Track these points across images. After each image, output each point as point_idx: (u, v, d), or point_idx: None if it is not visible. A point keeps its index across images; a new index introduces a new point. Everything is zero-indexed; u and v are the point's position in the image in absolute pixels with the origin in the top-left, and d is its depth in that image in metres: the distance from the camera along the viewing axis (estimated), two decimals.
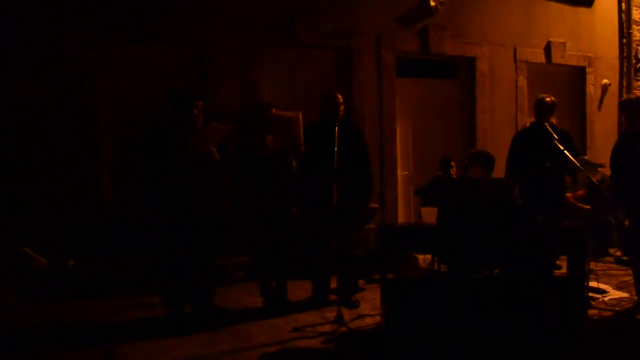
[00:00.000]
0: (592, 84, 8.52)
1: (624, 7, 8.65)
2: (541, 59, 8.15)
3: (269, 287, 4.89)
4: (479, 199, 4.20)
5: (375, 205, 6.10)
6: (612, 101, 8.66)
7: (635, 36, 8.71)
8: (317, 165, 4.67)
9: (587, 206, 7.02)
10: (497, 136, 7.63)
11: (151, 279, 5.14)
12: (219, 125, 4.55)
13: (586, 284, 4.65)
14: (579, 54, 8.40)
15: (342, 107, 4.86)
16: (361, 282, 5.56)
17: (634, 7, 8.68)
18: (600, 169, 5.82)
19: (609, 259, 7.03)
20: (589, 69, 8.49)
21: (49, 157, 5.73)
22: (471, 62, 7.73)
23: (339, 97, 4.87)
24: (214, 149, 4.49)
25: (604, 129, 8.54)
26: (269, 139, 4.74)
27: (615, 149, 5.04)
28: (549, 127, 5.22)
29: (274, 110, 4.93)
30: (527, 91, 7.99)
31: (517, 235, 4.12)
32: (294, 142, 4.66)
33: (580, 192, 7.24)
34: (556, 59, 8.19)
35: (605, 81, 8.56)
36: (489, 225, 4.06)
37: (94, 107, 5.93)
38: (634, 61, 8.71)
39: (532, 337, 3.88)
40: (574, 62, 8.39)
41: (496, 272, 4.28)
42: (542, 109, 5.49)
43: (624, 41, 8.70)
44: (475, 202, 4.17)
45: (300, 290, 5.23)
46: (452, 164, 6.43)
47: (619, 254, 7.05)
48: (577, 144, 6.57)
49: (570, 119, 8.29)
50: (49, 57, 5.72)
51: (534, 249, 4.20)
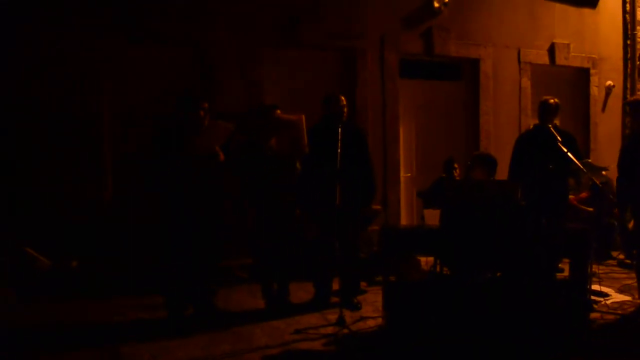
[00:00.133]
0: (596, 86, 8.49)
1: (628, 8, 8.61)
2: (545, 60, 8.13)
3: (271, 288, 4.89)
4: (482, 201, 4.19)
5: (378, 207, 6.09)
6: (616, 103, 8.62)
7: (639, 37, 8.67)
8: (320, 166, 4.67)
9: (590, 209, 7.00)
10: (500, 138, 7.61)
11: (153, 279, 5.14)
12: (224, 122, 4.56)
13: (588, 287, 4.64)
14: (583, 55, 8.37)
15: (345, 109, 4.86)
16: (363, 284, 5.55)
17: (639, 8, 8.64)
18: (603, 172, 5.81)
19: (611, 262, 7.01)
20: (593, 71, 8.46)
21: (49, 157, 5.71)
22: (475, 63, 7.71)
23: (343, 99, 4.87)
24: (218, 148, 4.50)
25: (607, 131, 8.51)
26: (273, 142, 4.74)
27: (621, 150, 5.03)
28: (552, 129, 5.21)
29: (278, 112, 4.93)
30: (530, 93, 7.96)
31: (520, 237, 4.12)
32: (297, 145, 4.67)
33: (583, 194, 7.23)
34: (560, 60, 8.16)
35: (609, 83, 8.52)
36: (491, 227, 4.06)
37: (94, 107, 5.92)
38: (639, 63, 8.67)
39: (534, 340, 3.88)
40: (577, 64, 8.36)
41: (499, 274, 4.28)
42: (545, 111, 5.47)
43: (629, 42, 8.65)
44: (478, 204, 4.17)
45: (302, 292, 5.24)
46: (455, 165, 6.42)
47: (622, 257, 7.04)
48: (581, 146, 6.55)
49: (573, 121, 8.26)
50: (49, 57, 5.72)
51: (537, 252, 4.20)
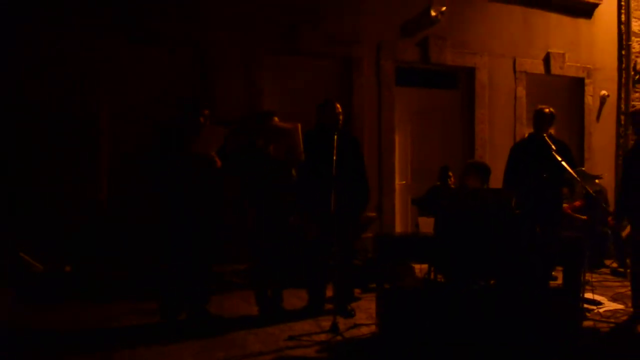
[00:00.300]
0: (591, 95, 8.54)
1: (623, 18, 8.68)
2: (540, 69, 8.18)
3: (265, 295, 4.89)
4: (477, 209, 4.21)
5: (372, 214, 6.11)
6: (610, 113, 8.68)
7: (634, 48, 8.73)
8: (315, 173, 4.69)
9: (584, 217, 7.03)
10: (495, 146, 7.65)
11: (147, 284, 5.16)
12: (217, 127, 4.59)
13: (582, 295, 4.66)
14: (578, 65, 8.43)
15: (341, 116, 4.88)
16: (357, 291, 5.55)
17: (634, 19, 8.71)
18: (597, 180, 5.84)
19: (604, 270, 7.03)
20: (587, 80, 8.52)
21: (46, 157, 5.74)
22: (471, 72, 7.76)
23: (338, 106, 4.88)
24: (214, 154, 4.52)
25: (602, 140, 8.56)
26: (270, 148, 4.75)
27: (624, 160, 5.05)
28: (547, 138, 5.23)
29: (276, 119, 4.95)
30: (526, 102, 8.01)
31: (514, 245, 4.13)
32: (293, 153, 4.68)
33: (577, 203, 7.26)
34: (555, 69, 8.22)
35: (603, 92, 8.57)
36: (486, 235, 4.07)
37: (94, 107, 5.95)
38: (633, 73, 8.73)
39: (527, 347, 3.88)
40: (572, 73, 8.42)
41: (493, 282, 4.29)
42: (540, 120, 5.49)
43: (623, 53, 8.72)
44: (472, 212, 4.18)
45: (295, 298, 5.23)
46: (450, 174, 6.42)
47: (615, 265, 7.06)
48: (575, 155, 6.59)
49: (568, 130, 8.31)
50: (48, 57, 5.75)
51: (531, 260, 4.21)
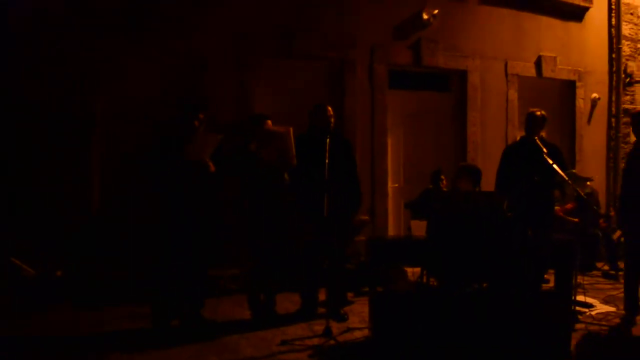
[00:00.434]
0: (582, 98, 8.57)
1: (614, 22, 8.73)
2: (532, 72, 8.21)
3: (258, 299, 4.88)
4: (469, 212, 4.22)
5: (365, 217, 6.11)
6: (601, 115, 8.71)
7: (624, 51, 8.78)
8: (308, 176, 4.68)
9: (576, 219, 7.06)
10: (487, 149, 7.66)
11: (141, 289, 5.13)
12: (211, 133, 4.58)
13: (573, 298, 4.68)
14: (569, 68, 8.47)
15: (332, 119, 4.89)
16: (350, 294, 5.55)
17: (624, 22, 8.77)
18: (588, 183, 5.88)
19: (596, 272, 7.08)
20: (579, 83, 8.55)
21: (42, 159, 5.75)
22: (463, 75, 7.77)
23: (330, 110, 4.90)
24: (208, 160, 4.52)
25: (593, 143, 8.60)
26: (263, 153, 4.74)
27: (626, 163, 5.05)
28: (538, 141, 5.25)
29: (269, 122, 4.94)
30: (517, 104, 8.02)
31: (506, 248, 4.14)
32: (284, 157, 4.67)
33: (569, 205, 7.29)
34: (547, 72, 8.25)
35: (594, 95, 8.61)
36: (478, 238, 4.08)
37: (92, 107, 5.96)
38: (623, 76, 8.77)
39: (520, 350, 3.89)
40: (564, 76, 8.44)
41: (485, 285, 4.30)
42: (532, 123, 5.51)
43: (614, 56, 8.76)
44: (465, 215, 4.19)
45: (288, 303, 5.23)
46: (442, 177, 6.44)
47: (607, 267, 7.10)
48: (567, 158, 6.62)
49: (560, 133, 8.34)
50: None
51: (523, 263, 4.23)
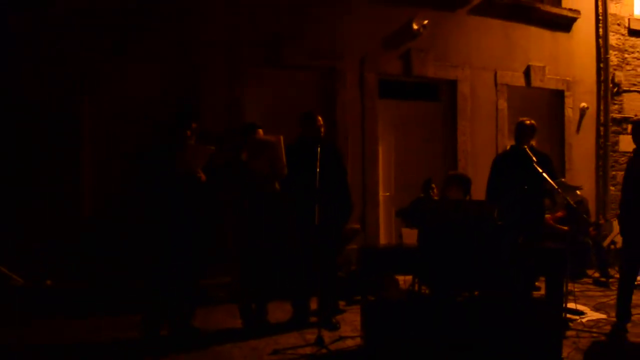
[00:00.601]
0: (571, 107, 8.66)
1: (601, 32, 8.85)
2: (521, 82, 8.28)
3: (249, 308, 4.85)
4: (460, 221, 4.23)
5: (356, 226, 6.11)
6: (590, 124, 8.80)
7: (612, 61, 8.89)
8: (299, 185, 4.68)
9: (566, 227, 7.09)
10: (477, 158, 7.70)
11: (130, 298, 5.10)
12: (203, 146, 4.57)
13: (564, 305, 4.70)
14: (558, 77, 8.55)
15: (322, 129, 4.90)
16: (342, 303, 5.54)
17: (611, 33, 8.88)
18: (578, 192, 5.91)
19: (586, 280, 7.10)
20: (567, 93, 8.63)
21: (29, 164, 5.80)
22: (453, 84, 7.83)
23: (319, 119, 4.92)
24: (199, 170, 4.51)
25: (582, 151, 8.67)
26: (255, 163, 4.73)
27: (626, 171, 5.07)
28: (528, 150, 5.29)
29: (260, 131, 4.94)
30: (507, 114, 8.09)
31: (497, 257, 4.15)
32: (275, 166, 4.66)
33: (559, 213, 7.32)
34: (536, 82, 8.32)
35: (583, 104, 8.70)
36: (469, 247, 4.09)
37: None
38: (611, 85, 8.88)
39: (511, 357, 3.89)
40: (553, 86, 8.53)
41: (476, 293, 4.31)
42: (522, 132, 5.55)
43: (601, 66, 8.87)
44: (455, 224, 4.21)
45: (280, 311, 5.20)
46: (433, 185, 6.47)
47: (597, 275, 7.13)
48: (556, 167, 6.65)
49: (549, 142, 8.40)
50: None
51: (514, 271, 4.24)
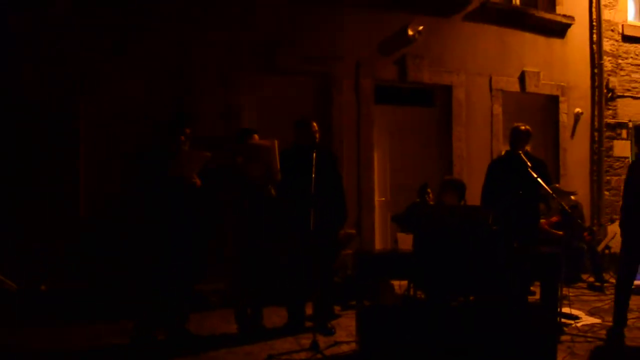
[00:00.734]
0: (565, 113, 8.69)
1: (595, 38, 8.90)
2: (516, 87, 8.31)
3: (244, 313, 4.85)
4: (455, 226, 4.24)
5: (352, 231, 6.11)
6: (584, 129, 8.83)
7: (606, 67, 8.93)
8: (294, 191, 4.69)
9: (560, 232, 7.12)
10: (473, 163, 7.72)
11: (124, 303, 5.08)
12: (198, 151, 4.57)
13: (559, 310, 4.71)
14: (553, 83, 8.59)
15: (317, 134, 4.92)
16: (337, 308, 5.54)
17: (605, 39, 8.93)
18: (572, 197, 5.94)
19: (581, 284, 7.12)
20: (562, 98, 8.66)
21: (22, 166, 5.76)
22: (448, 90, 7.85)
23: (314, 125, 4.93)
24: (195, 176, 4.50)
25: (576, 156, 8.70)
26: (249, 168, 4.73)
27: (628, 174, 5.08)
28: (523, 155, 5.31)
29: (256, 136, 4.94)
30: (502, 119, 8.10)
31: (492, 261, 4.16)
32: (270, 171, 4.66)
33: (554, 218, 7.36)
34: (530, 88, 8.36)
35: (577, 110, 8.73)
36: (464, 252, 4.10)
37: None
38: (605, 91, 8.92)
39: None
40: (547, 91, 8.56)
41: (472, 298, 4.31)
42: (517, 138, 5.58)
43: (596, 71, 8.91)
44: (451, 229, 4.22)
45: (275, 316, 5.20)
46: (429, 191, 6.48)
47: (592, 279, 7.15)
48: (551, 171, 6.69)
49: (544, 147, 8.43)
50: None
51: (509, 276, 4.25)
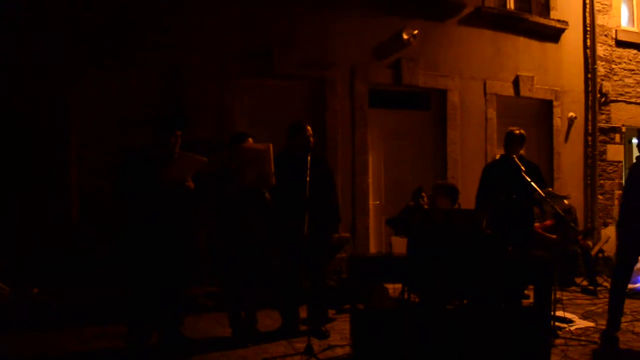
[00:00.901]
0: (559, 117, 8.73)
1: (589, 43, 8.95)
2: (510, 92, 8.34)
3: (239, 317, 4.83)
4: (449, 229, 4.25)
5: (347, 234, 6.12)
6: (578, 134, 8.88)
7: (599, 71, 8.98)
8: (288, 195, 4.68)
9: (554, 236, 7.14)
10: (467, 167, 7.75)
11: (117, 307, 5.06)
12: (194, 155, 4.55)
13: (553, 314, 4.72)
14: (546, 87, 8.62)
15: (311, 138, 4.92)
16: (331, 312, 5.54)
17: (599, 44, 8.98)
18: (566, 201, 5.96)
19: (575, 288, 7.14)
20: (555, 102, 8.71)
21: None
22: (442, 94, 7.87)
23: (309, 129, 4.93)
24: (189, 179, 4.49)
25: (570, 160, 8.74)
26: (244, 172, 4.72)
27: (628, 176, 5.09)
28: (517, 159, 5.34)
29: (250, 140, 4.94)
30: (496, 123, 8.13)
31: (486, 265, 4.17)
32: (264, 175, 4.66)
33: (548, 222, 7.38)
34: (524, 92, 8.39)
35: (571, 114, 8.77)
36: (458, 255, 4.11)
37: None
38: (599, 95, 8.96)
39: None
40: (541, 96, 8.60)
41: (465, 301, 4.32)
42: (511, 141, 5.61)
43: (589, 76, 8.96)
44: (444, 232, 4.22)
45: (269, 320, 5.19)
46: (423, 194, 6.48)
47: (585, 283, 7.18)
48: (545, 175, 6.71)
49: (537, 151, 8.47)
50: None
51: (503, 279, 4.26)
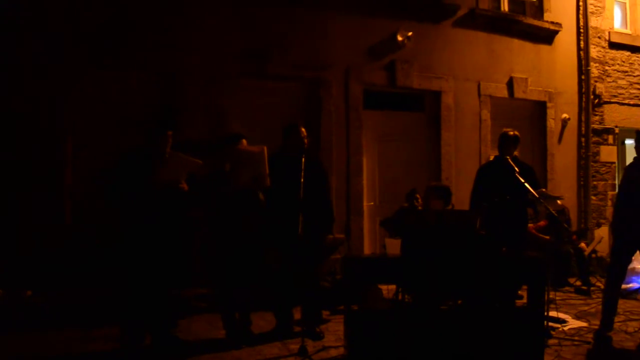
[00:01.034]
0: (553, 118, 8.76)
1: (582, 45, 8.99)
2: (504, 93, 8.37)
3: (232, 318, 4.82)
4: (443, 230, 4.26)
5: (341, 235, 6.12)
6: (571, 135, 8.92)
7: (593, 73, 9.01)
8: (282, 196, 4.68)
9: (548, 237, 7.17)
10: (461, 168, 7.76)
11: (110, 309, 5.05)
12: (189, 157, 4.54)
13: (546, 314, 4.73)
14: (540, 89, 8.66)
15: (306, 140, 4.92)
16: (325, 313, 5.54)
17: (592, 46, 9.03)
18: (559, 202, 5.98)
19: (568, 288, 7.17)
20: (549, 104, 8.74)
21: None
22: (437, 95, 7.89)
23: (303, 131, 4.93)
24: (182, 180, 4.48)
25: (563, 161, 8.78)
26: (239, 173, 4.71)
27: (623, 179, 5.10)
28: (510, 160, 5.36)
29: (244, 142, 4.93)
30: (490, 124, 8.16)
31: (479, 266, 4.18)
32: (259, 177, 4.65)
33: (541, 223, 7.41)
34: (518, 93, 8.43)
35: (565, 115, 8.81)
36: (452, 256, 4.12)
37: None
38: (592, 97, 9.00)
39: None
40: (535, 97, 8.63)
41: (459, 302, 4.33)
42: (505, 143, 5.63)
43: (583, 77, 9.00)
44: (438, 233, 4.23)
45: (263, 321, 5.18)
46: (417, 195, 6.49)
47: (579, 283, 7.20)
48: (539, 176, 6.73)
49: (531, 152, 8.50)
50: None
51: (497, 280, 4.27)
